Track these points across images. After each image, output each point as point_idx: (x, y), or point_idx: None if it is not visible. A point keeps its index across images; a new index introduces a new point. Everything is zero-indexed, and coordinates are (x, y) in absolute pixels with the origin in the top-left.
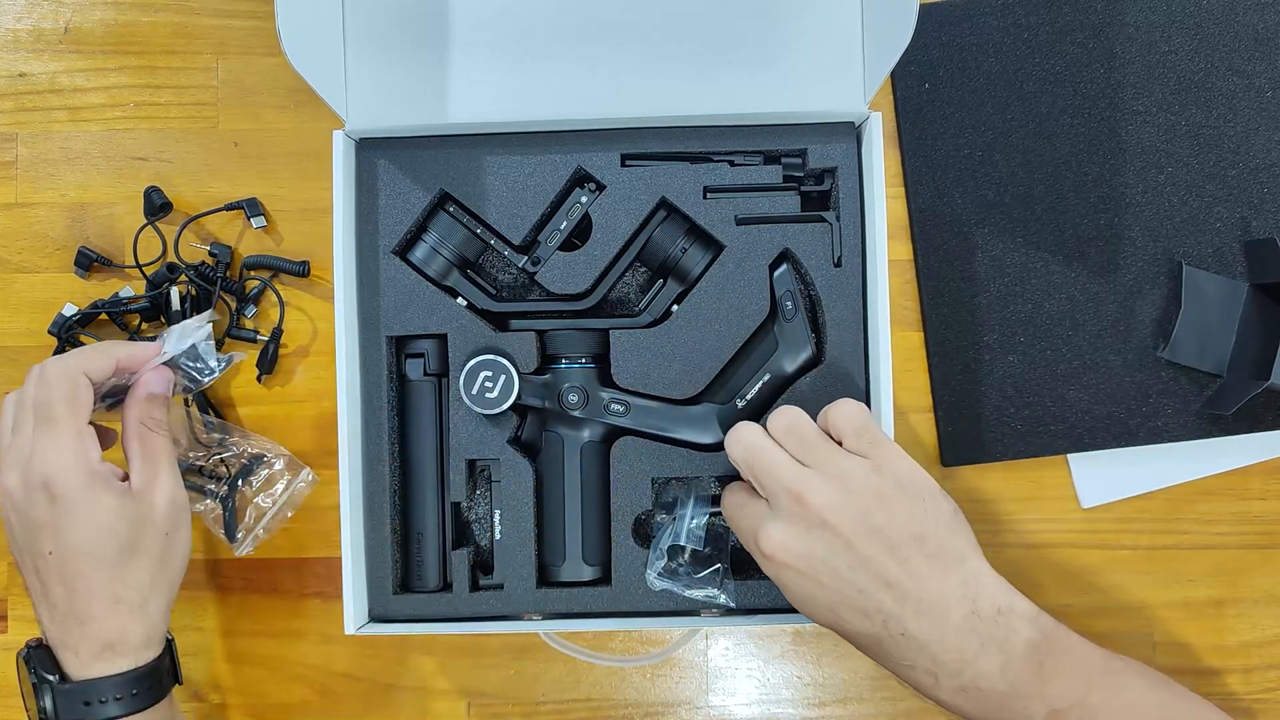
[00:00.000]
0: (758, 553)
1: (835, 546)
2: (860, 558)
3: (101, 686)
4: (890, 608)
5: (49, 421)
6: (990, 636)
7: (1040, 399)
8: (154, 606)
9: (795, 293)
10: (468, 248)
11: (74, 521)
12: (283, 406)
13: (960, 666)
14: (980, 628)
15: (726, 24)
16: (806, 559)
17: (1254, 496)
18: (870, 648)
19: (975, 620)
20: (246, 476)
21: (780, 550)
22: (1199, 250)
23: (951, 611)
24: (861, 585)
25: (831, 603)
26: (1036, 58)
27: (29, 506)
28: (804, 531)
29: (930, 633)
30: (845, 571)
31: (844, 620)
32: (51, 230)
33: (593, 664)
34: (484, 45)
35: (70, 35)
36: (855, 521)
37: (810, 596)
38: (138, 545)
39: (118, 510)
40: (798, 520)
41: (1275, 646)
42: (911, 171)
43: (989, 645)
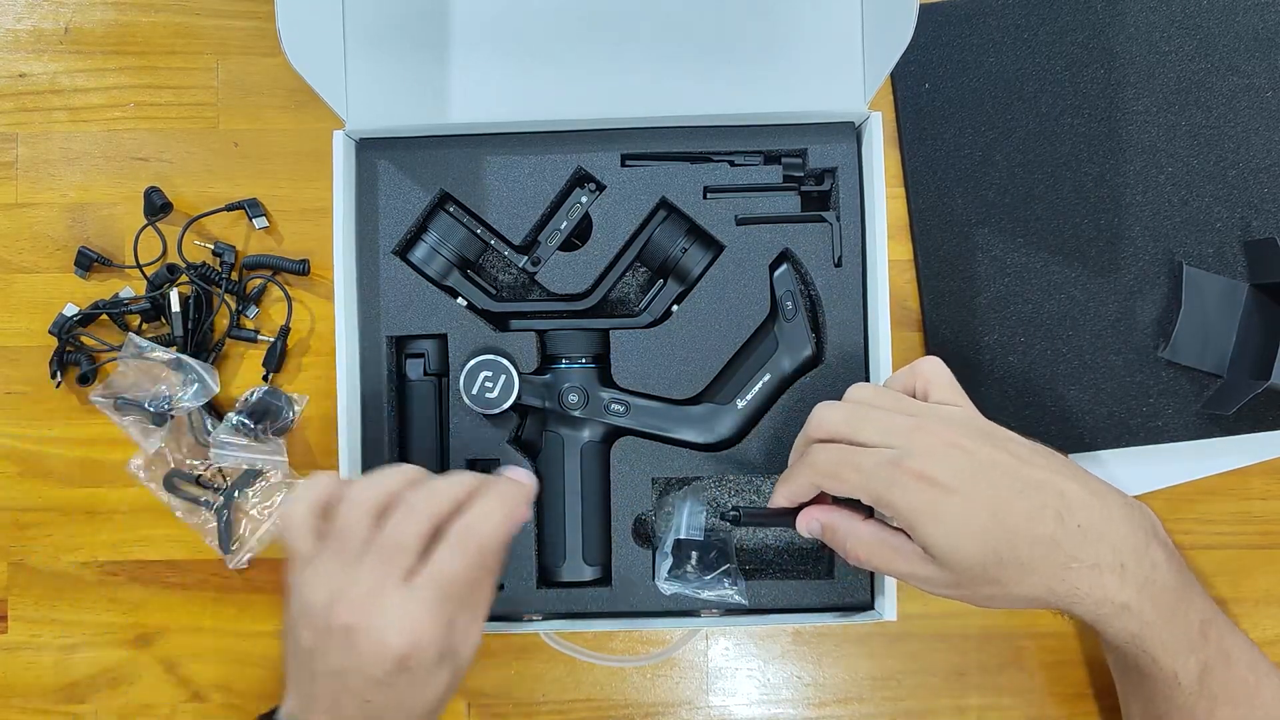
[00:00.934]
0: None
1: (980, 460)
2: (1007, 466)
3: None
4: (1054, 501)
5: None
6: (1146, 525)
7: (1040, 399)
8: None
9: (795, 293)
10: (468, 248)
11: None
12: None
13: (1140, 554)
14: (1136, 516)
15: (727, 24)
16: (960, 474)
17: (1254, 496)
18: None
19: (1129, 509)
20: (243, 488)
21: (933, 467)
22: (1199, 250)
23: (1109, 497)
24: (1019, 488)
25: (996, 512)
26: (1036, 58)
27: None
28: (946, 451)
29: (1102, 521)
30: (1000, 479)
31: (1013, 530)
32: (51, 230)
33: (593, 664)
34: (484, 45)
35: (70, 35)
36: (983, 441)
37: (969, 515)
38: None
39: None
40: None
41: (1276, 646)
42: (911, 171)
43: (1150, 535)
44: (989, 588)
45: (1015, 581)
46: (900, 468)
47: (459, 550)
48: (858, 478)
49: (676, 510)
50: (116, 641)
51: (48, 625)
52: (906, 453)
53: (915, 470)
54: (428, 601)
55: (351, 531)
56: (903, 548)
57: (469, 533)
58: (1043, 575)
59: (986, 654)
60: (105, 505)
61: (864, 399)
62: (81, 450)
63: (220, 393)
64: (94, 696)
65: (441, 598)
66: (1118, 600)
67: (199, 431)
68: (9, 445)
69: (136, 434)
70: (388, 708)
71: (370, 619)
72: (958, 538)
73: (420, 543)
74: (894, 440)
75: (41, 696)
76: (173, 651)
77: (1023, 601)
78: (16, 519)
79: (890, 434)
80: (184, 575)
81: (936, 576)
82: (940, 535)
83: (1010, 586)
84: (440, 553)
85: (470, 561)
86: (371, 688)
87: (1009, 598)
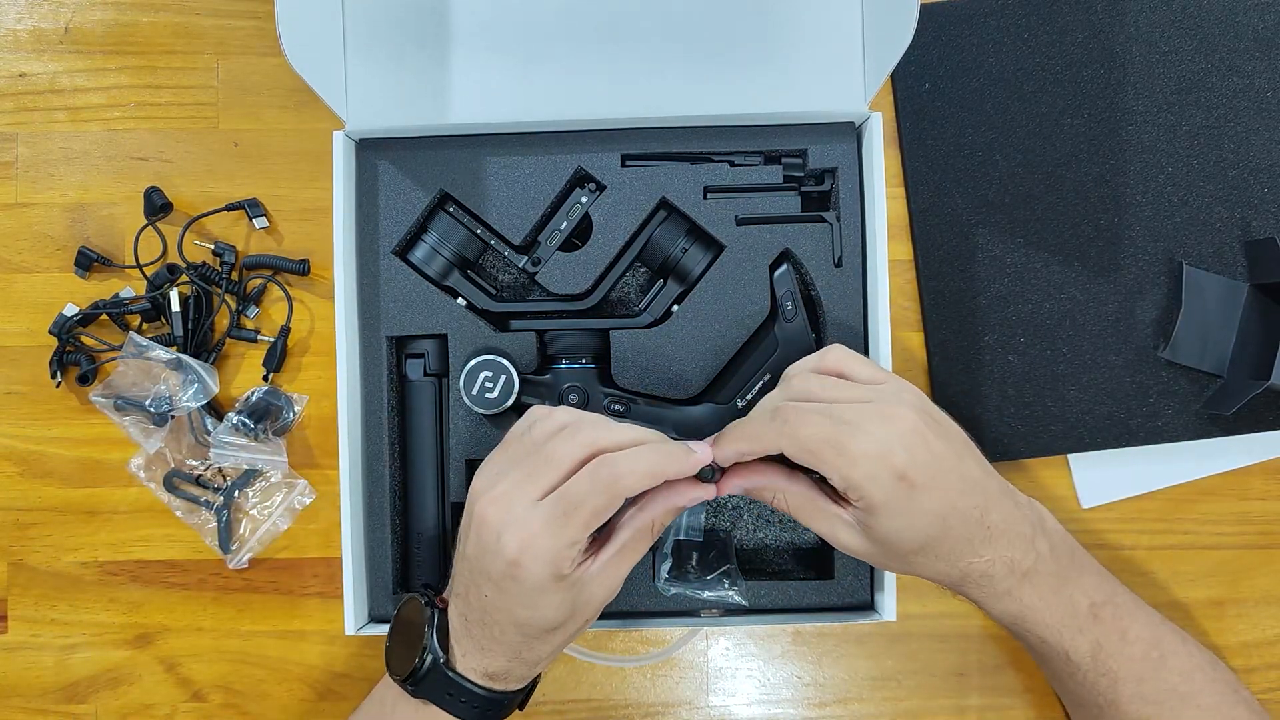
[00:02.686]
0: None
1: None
2: (955, 462)
3: (468, 692)
4: (981, 502)
5: (564, 516)
6: (1035, 521)
7: (1040, 399)
8: (543, 663)
9: (795, 293)
10: (468, 248)
11: (518, 600)
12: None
13: (1027, 547)
14: (1027, 514)
15: (727, 24)
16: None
17: (1254, 496)
18: (956, 554)
19: (1022, 507)
20: (243, 488)
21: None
22: (1199, 250)
23: (1014, 497)
24: (963, 488)
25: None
26: (1036, 58)
27: (490, 557)
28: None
29: (1006, 520)
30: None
31: (949, 527)
32: (51, 230)
33: (593, 664)
34: (484, 45)
35: (70, 35)
36: (937, 432)
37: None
38: (560, 629)
39: (560, 605)
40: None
41: (1276, 646)
42: (911, 171)
43: (1037, 529)
44: (901, 564)
45: (928, 563)
46: (889, 465)
47: (590, 477)
48: (840, 460)
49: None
50: (116, 641)
51: (48, 625)
52: (894, 449)
53: (896, 468)
54: (547, 517)
55: (529, 439)
56: (836, 515)
57: (605, 465)
58: (951, 563)
59: (986, 654)
60: (105, 505)
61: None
62: (81, 450)
63: (220, 393)
64: (94, 696)
65: (561, 517)
66: (1001, 588)
67: (199, 431)
68: (9, 445)
69: (136, 434)
70: (500, 610)
71: (499, 517)
72: (909, 529)
73: (571, 465)
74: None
75: (41, 696)
76: (173, 651)
77: (924, 576)
78: (17, 519)
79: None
80: (184, 575)
81: (858, 546)
82: (894, 525)
83: (921, 566)
84: (576, 476)
85: (597, 489)
86: (489, 584)
87: (912, 571)
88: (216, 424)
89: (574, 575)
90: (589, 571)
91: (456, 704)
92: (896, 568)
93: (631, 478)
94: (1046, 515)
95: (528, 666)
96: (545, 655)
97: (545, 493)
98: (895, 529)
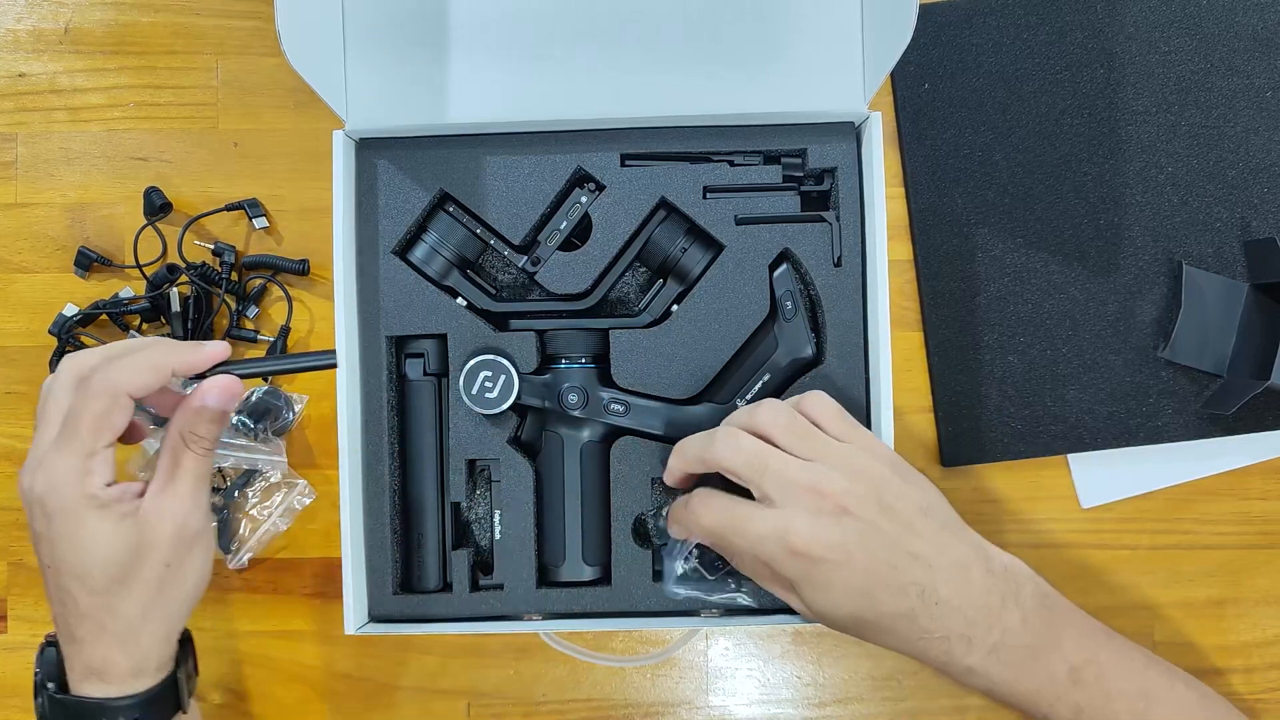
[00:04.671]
0: (785, 553)
1: (863, 529)
2: (888, 536)
3: (88, 708)
4: (922, 578)
5: (69, 435)
6: (1007, 592)
7: (1040, 399)
8: (146, 638)
9: (795, 293)
10: (468, 248)
11: (64, 543)
12: None
13: (990, 623)
14: (997, 585)
15: (727, 24)
16: (840, 548)
17: (1254, 496)
18: (901, 630)
19: (991, 579)
20: (243, 488)
21: (814, 544)
22: (1199, 250)
23: (972, 571)
24: (894, 562)
25: (866, 587)
26: (1036, 58)
27: (31, 516)
28: (832, 522)
29: (960, 595)
30: (879, 551)
31: (879, 603)
32: (51, 230)
33: (593, 664)
34: (484, 45)
35: (70, 35)
36: (872, 504)
37: (844, 585)
38: (130, 575)
39: (110, 537)
40: (821, 513)
41: (1276, 646)
42: (911, 171)
43: (1008, 600)
44: (851, 633)
45: (873, 637)
46: (784, 545)
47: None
48: (743, 544)
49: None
50: None
51: (47, 625)
52: (796, 516)
53: (797, 548)
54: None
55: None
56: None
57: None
58: (897, 639)
59: None
60: None
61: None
62: None
63: None
64: None
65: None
66: (962, 665)
67: None
68: (9, 445)
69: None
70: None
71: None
72: (832, 605)
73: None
74: (788, 496)
75: None
76: None
77: (895, 648)
78: (17, 519)
79: (787, 488)
80: None
81: (800, 609)
82: (816, 599)
83: (869, 639)
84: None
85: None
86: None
87: (870, 642)
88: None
89: (121, 506)
90: (145, 505)
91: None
92: (852, 636)
93: (124, 372)
94: (1025, 579)
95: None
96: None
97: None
98: (819, 603)
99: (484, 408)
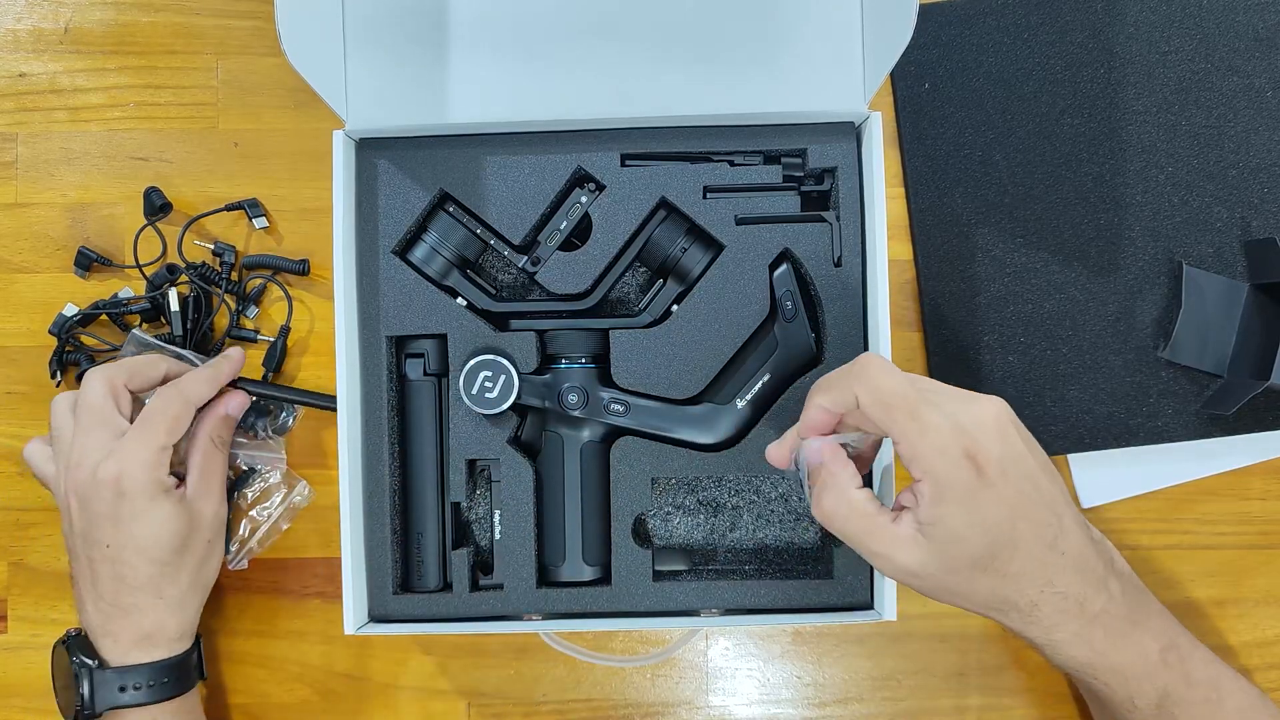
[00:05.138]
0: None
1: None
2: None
3: (137, 673)
4: (1058, 524)
5: (145, 431)
6: (1106, 559)
7: (1040, 399)
8: (190, 604)
9: (795, 292)
10: (468, 248)
11: (133, 521)
12: None
13: (1099, 585)
14: (1101, 551)
15: (727, 24)
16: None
17: (1254, 496)
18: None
19: (1094, 545)
20: (242, 488)
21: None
22: (1199, 250)
23: (1082, 530)
24: (1036, 498)
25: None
26: (1036, 58)
27: (95, 499)
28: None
29: (1082, 548)
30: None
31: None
32: (51, 230)
33: (593, 664)
34: (484, 45)
35: (70, 35)
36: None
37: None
38: (185, 548)
39: (174, 516)
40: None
41: (1276, 646)
42: (911, 171)
43: (1108, 565)
44: (961, 583)
45: (989, 586)
46: (961, 437)
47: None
48: (911, 425)
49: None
50: None
51: (48, 625)
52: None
53: (967, 447)
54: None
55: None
56: (887, 528)
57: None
58: (1018, 587)
59: (986, 654)
60: None
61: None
62: None
63: None
64: None
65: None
66: (1071, 628)
67: None
68: (9, 445)
69: None
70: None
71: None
72: (974, 527)
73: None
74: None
75: (42, 696)
76: None
77: (980, 606)
78: (17, 519)
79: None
80: None
81: (913, 561)
82: (959, 518)
83: (980, 589)
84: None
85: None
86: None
87: (968, 599)
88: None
89: (176, 493)
90: (188, 492)
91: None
92: (955, 587)
93: (194, 385)
94: (1116, 553)
95: (177, 612)
96: (185, 584)
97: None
98: (960, 525)
99: (484, 408)
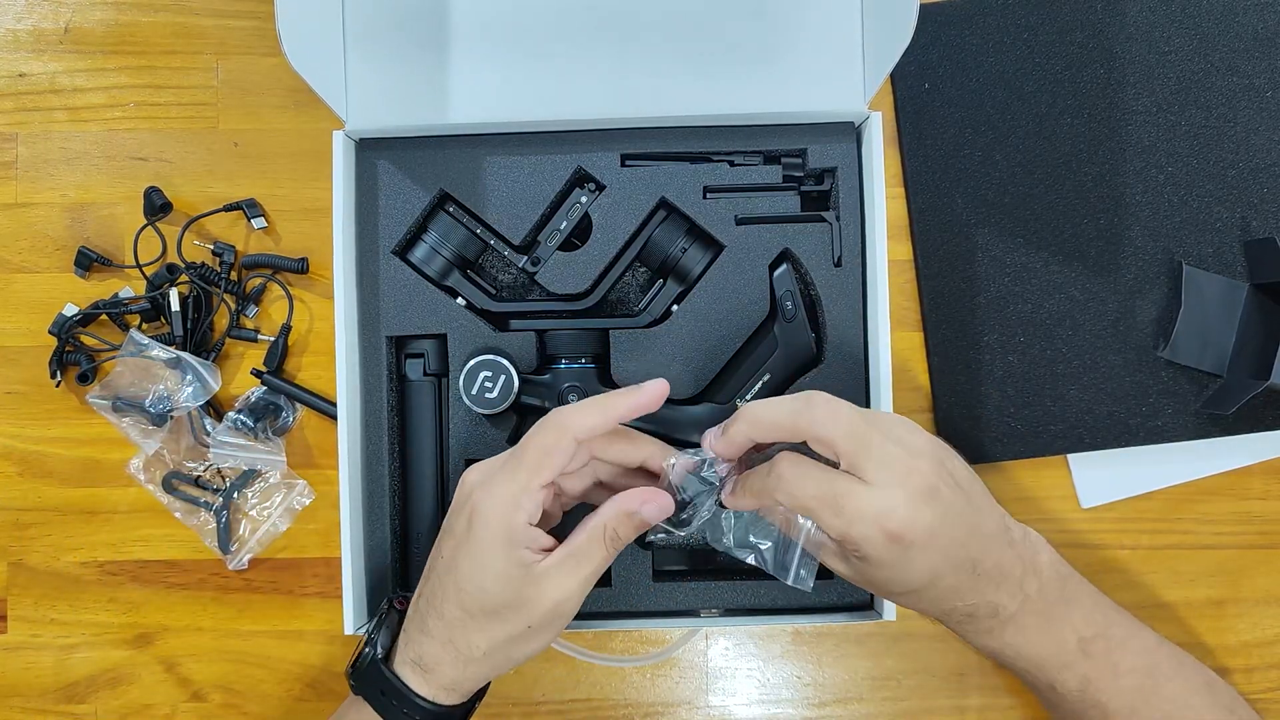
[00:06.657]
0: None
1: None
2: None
3: (401, 692)
4: (977, 551)
5: (514, 465)
6: (1026, 560)
7: (1040, 399)
8: (475, 670)
9: (795, 293)
10: (468, 248)
11: (466, 555)
12: None
13: (1014, 590)
14: (1019, 554)
15: (727, 24)
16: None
17: (1254, 496)
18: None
19: (1014, 548)
20: (242, 488)
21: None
22: (1199, 250)
23: (1002, 539)
24: (964, 540)
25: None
26: (1036, 58)
27: (456, 514)
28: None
29: (997, 562)
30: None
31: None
32: (51, 230)
33: (593, 664)
34: (484, 45)
35: (70, 35)
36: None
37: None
38: (496, 617)
39: (501, 575)
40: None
41: (1276, 646)
42: (911, 171)
43: (1027, 567)
44: (901, 598)
45: (912, 602)
46: (882, 527)
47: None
48: (836, 521)
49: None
50: (116, 641)
51: (48, 625)
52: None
53: (894, 531)
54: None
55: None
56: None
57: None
58: (936, 604)
59: None
60: (105, 505)
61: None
62: (81, 450)
63: (220, 392)
64: (94, 696)
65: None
66: (981, 627)
67: (198, 432)
68: (9, 445)
69: (135, 435)
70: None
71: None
72: (898, 581)
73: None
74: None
75: (41, 696)
76: (172, 651)
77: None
78: (17, 519)
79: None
80: (184, 575)
81: (846, 575)
82: (884, 575)
83: (904, 602)
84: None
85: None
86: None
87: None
88: (216, 424)
89: (524, 553)
90: (543, 564)
91: (388, 706)
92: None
93: (577, 415)
94: (1041, 548)
95: (460, 662)
96: (480, 650)
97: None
98: (884, 579)
99: (484, 408)
